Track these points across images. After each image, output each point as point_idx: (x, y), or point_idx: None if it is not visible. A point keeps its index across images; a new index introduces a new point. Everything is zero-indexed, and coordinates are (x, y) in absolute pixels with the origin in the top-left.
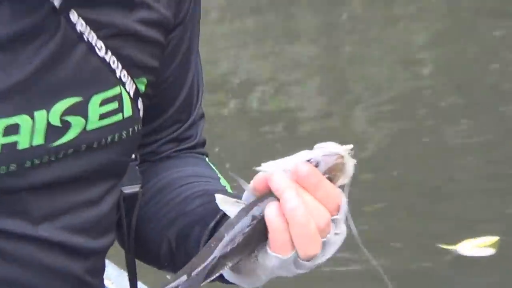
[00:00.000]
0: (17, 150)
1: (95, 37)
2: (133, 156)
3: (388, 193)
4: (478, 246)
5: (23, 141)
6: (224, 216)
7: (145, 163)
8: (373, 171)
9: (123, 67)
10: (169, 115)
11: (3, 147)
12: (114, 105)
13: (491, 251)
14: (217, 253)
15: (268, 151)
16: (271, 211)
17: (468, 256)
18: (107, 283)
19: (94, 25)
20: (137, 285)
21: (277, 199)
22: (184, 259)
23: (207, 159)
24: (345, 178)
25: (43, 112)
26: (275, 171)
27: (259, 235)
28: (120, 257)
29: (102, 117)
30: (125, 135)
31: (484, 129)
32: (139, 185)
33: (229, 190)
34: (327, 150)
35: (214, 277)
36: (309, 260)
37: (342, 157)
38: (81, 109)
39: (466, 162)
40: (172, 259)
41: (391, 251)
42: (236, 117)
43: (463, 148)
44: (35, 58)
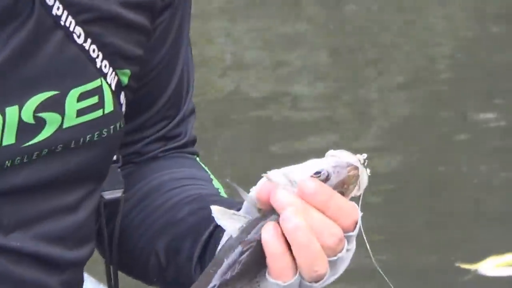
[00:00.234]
0: None
1: (73, 22)
2: (115, 157)
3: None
4: (500, 265)
5: None
6: (217, 226)
7: (129, 165)
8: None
9: (104, 57)
10: (155, 111)
11: None
12: (93, 100)
13: None
14: (216, 281)
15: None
16: (267, 232)
17: (489, 276)
18: None
19: (72, 9)
20: None
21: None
22: (174, 275)
23: (197, 159)
24: (358, 190)
25: (15, 108)
26: (278, 185)
27: (260, 259)
28: (99, 269)
29: (80, 113)
30: (105, 133)
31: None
32: (122, 190)
33: (222, 193)
34: (339, 160)
35: None
36: (317, 281)
37: (355, 168)
38: (57, 105)
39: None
40: (161, 274)
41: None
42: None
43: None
44: (5, 47)
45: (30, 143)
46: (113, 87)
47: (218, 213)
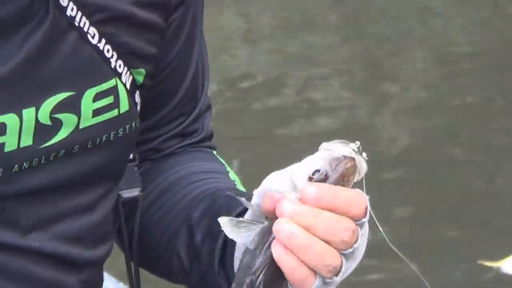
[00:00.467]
0: (4, 152)
1: (87, 23)
2: (131, 156)
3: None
4: None
5: (10, 142)
6: None
7: (146, 162)
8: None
9: (119, 57)
10: (171, 107)
11: None
12: (109, 100)
13: None
14: None
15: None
16: (277, 250)
17: None
18: None
19: (85, 10)
20: None
21: None
22: (199, 279)
23: (214, 152)
24: (359, 176)
25: (32, 109)
26: (280, 194)
27: (279, 272)
28: (119, 269)
29: (96, 113)
30: (121, 132)
31: None
32: (139, 188)
33: (239, 185)
34: (335, 154)
35: None
36: (336, 274)
37: (352, 159)
38: (73, 105)
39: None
40: (186, 277)
41: (423, 267)
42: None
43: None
44: (21, 49)
45: (47, 144)
46: (128, 87)
47: (226, 226)
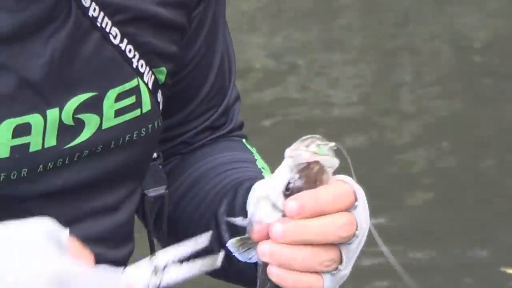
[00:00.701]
0: (29, 152)
1: (109, 23)
2: (155, 154)
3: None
4: None
5: (35, 143)
6: None
7: (177, 156)
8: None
9: (141, 57)
10: (199, 102)
11: (13, 149)
12: (131, 100)
13: None
14: None
15: None
16: (275, 276)
17: None
18: None
19: (107, 10)
20: None
21: None
22: (237, 277)
23: (244, 141)
24: (332, 171)
25: (56, 110)
26: (266, 222)
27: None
28: None
29: (118, 113)
30: (144, 132)
31: None
32: (164, 186)
33: (267, 171)
34: (299, 162)
35: None
36: (340, 263)
37: (317, 162)
38: (95, 106)
39: None
40: (224, 275)
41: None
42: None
43: None
44: (45, 50)
45: (71, 144)
46: (150, 86)
47: (232, 247)
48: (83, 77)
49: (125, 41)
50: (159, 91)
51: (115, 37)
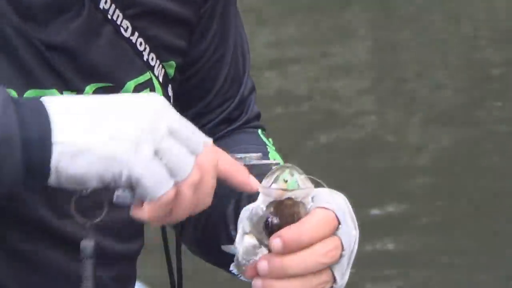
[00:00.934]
0: None
1: (120, 16)
2: None
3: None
4: None
5: None
6: None
7: None
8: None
9: (151, 50)
10: (214, 94)
11: None
12: (146, 92)
13: None
14: None
15: None
16: None
17: None
18: None
19: (119, 3)
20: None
21: None
22: None
23: (259, 131)
24: (309, 203)
25: (74, 93)
26: (254, 265)
27: None
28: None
29: None
30: None
31: None
32: None
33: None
34: (273, 200)
35: None
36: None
37: (289, 198)
38: None
39: None
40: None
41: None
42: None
43: None
44: (63, 31)
45: None
46: (161, 80)
47: (236, 273)
48: (98, 69)
49: (136, 34)
50: (169, 86)
51: (126, 30)
